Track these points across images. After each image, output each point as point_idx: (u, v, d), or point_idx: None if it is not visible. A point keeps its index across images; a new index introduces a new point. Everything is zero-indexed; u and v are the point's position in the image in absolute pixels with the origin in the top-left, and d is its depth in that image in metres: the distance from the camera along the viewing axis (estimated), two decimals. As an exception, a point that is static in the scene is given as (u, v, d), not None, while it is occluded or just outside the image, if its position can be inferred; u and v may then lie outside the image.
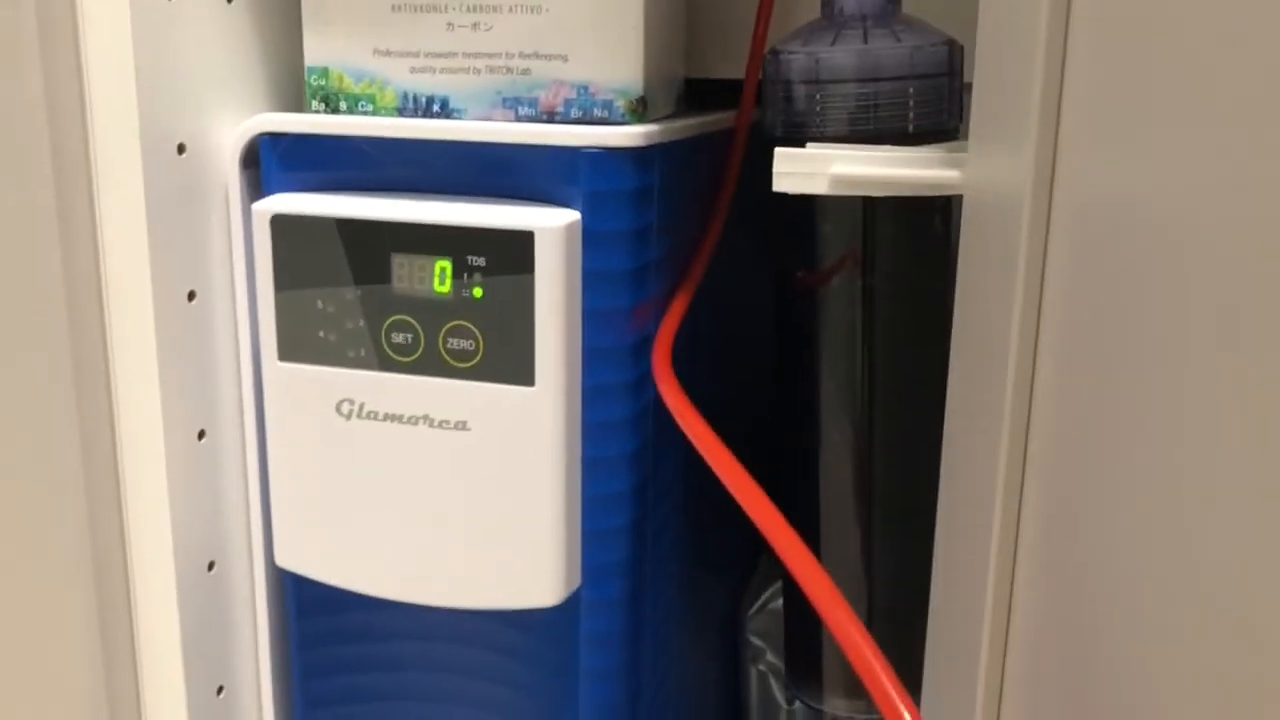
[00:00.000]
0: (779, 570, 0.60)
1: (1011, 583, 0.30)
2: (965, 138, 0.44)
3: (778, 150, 0.37)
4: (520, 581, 0.45)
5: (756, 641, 0.65)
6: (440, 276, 0.43)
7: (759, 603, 0.66)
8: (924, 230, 0.47)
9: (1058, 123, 0.29)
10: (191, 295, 0.46)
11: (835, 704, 0.54)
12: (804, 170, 0.36)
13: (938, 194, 0.37)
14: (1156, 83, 0.24)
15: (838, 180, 0.36)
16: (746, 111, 0.51)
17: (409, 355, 0.44)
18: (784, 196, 0.48)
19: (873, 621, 0.51)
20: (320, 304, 0.44)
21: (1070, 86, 0.28)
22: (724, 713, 0.66)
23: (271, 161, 0.45)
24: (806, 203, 0.47)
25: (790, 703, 0.66)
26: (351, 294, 0.44)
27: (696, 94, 0.53)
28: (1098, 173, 0.27)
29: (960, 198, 0.49)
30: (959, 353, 0.35)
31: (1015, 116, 0.30)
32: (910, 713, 0.26)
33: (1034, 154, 0.28)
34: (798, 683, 0.55)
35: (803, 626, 0.54)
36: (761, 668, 0.66)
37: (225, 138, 0.47)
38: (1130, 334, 0.25)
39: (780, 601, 0.65)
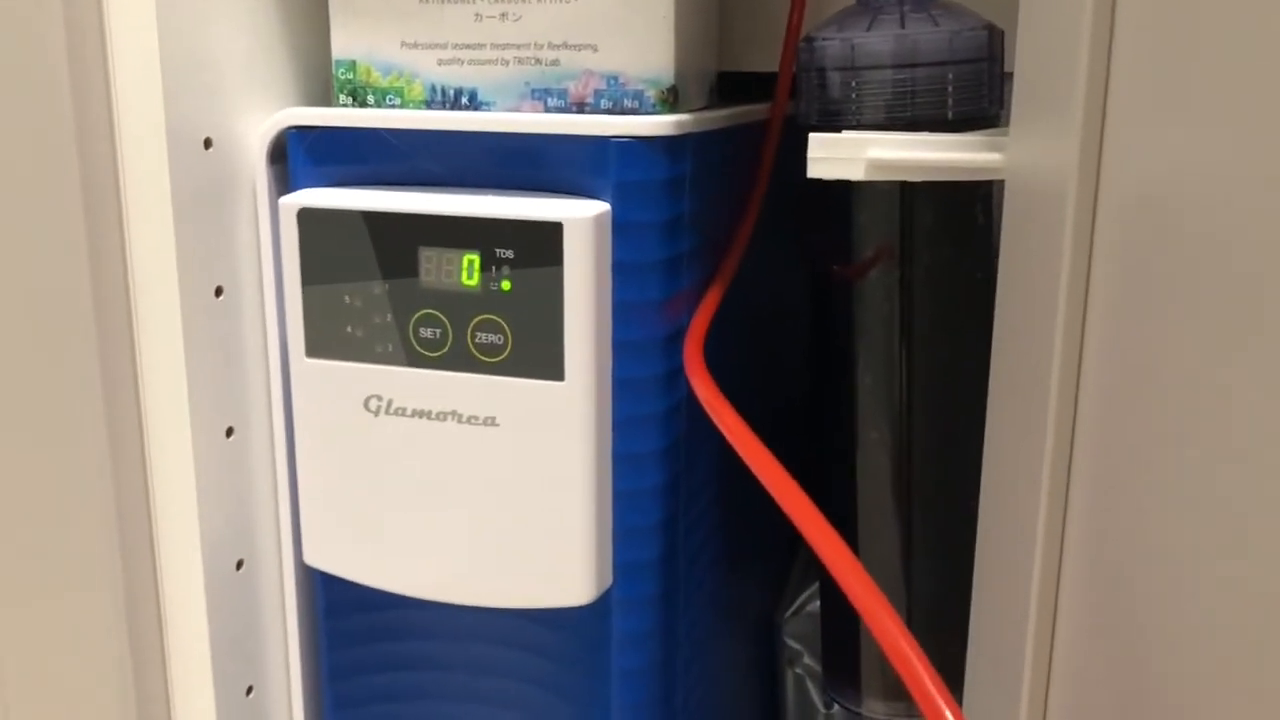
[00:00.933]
0: (817, 571, 0.59)
1: (1057, 584, 0.29)
2: (1007, 125, 0.43)
3: (812, 135, 0.36)
4: (551, 580, 0.44)
5: (793, 644, 0.64)
6: (468, 269, 0.42)
7: (796, 604, 0.65)
8: (964, 220, 0.46)
9: (1104, 104, 0.27)
10: (219, 291, 0.46)
11: (874, 707, 0.52)
12: (839, 155, 0.35)
13: (978, 179, 0.35)
14: (1208, 61, 0.23)
15: (874, 165, 0.35)
16: (781, 100, 0.50)
17: (437, 350, 0.43)
18: (821, 188, 0.47)
19: (912, 625, 0.50)
20: (348, 299, 0.44)
21: (1117, 66, 0.27)
22: (760, 715, 0.65)
23: (299, 155, 0.45)
24: (843, 193, 0.46)
25: (828, 706, 0.65)
26: (379, 288, 0.43)
27: (729, 88, 0.52)
28: (1147, 157, 0.26)
29: (1002, 186, 0.48)
30: (1001, 345, 0.34)
31: (1059, 98, 0.29)
32: (955, 717, 0.25)
33: (1079, 137, 0.27)
34: (835, 686, 0.54)
35: (840, 628, 0.53)
36: (799, 670, 0.64)
37: (252, 132, 0.46)
38: (1181, 326, 0.24)
39: (817, 603, 0.64)
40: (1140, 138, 0.26)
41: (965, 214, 0.46)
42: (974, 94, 0.43)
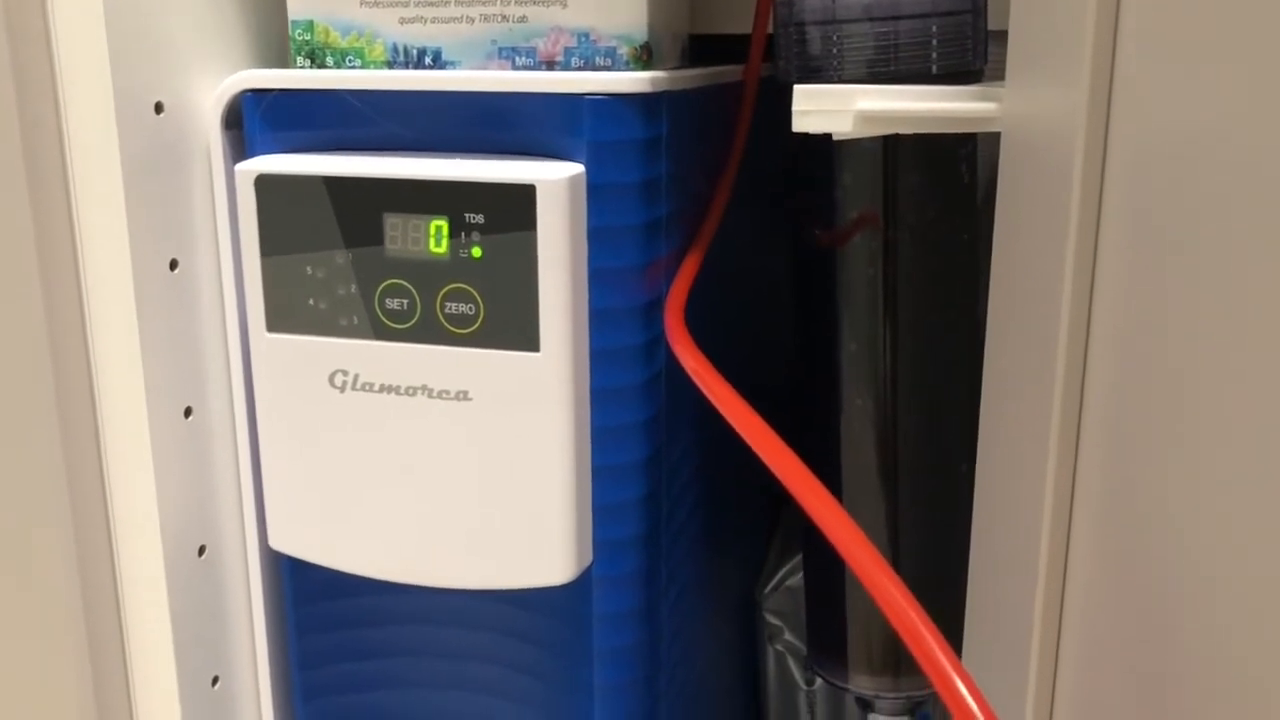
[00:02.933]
0: (802, 544, 0.57)
1: (1066, 550, 0.28)
2: (989, 80, 0.41)
3: (797, 87, 0.34)
4: (529, 559, 0.42)
5: (773, 620, 0.63)
6: (436, 236, 0.40)
7: (775, 580, 0.64)
8: (949, 179, 0.44)
9: (1114, 49, 0.26)
10: (174, 264, 0.44)
11: (859, 682, 0.51)
12: (827, 108, 0.34)
13: (972, 130, 0.34)
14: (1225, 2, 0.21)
15: (863, 117, 0.33)
16: (755, 57, 0.48)
17: (405, 322, 0.41)
18: (801, 150, 0.45)
19: (900, 596, 0.49)
20: (309, 270, 0.41)
21: (1127, 7, 0.26)
22: (741, 693, 0.64)
23: (255, 120, 0.43)
24: (825, 154, 0.44)
25: (809, 683, 0.64)
26: (342, 258, 0.41)
27: (701, 52, 0.50)
28: (1161, 102, 0.24)
29: (988, 144, 0.46)
30: (998, 302, 0.32)
31: (1065, 44, 0.27)
32: (971, 692, 0.23)
33: (1088, 86, 0.26)
34: (820, 661, 0.53)
35: (826, 603, 0.52)
36: (779, 647, 0.63)
37: (206, 96, 0.44)
38: (1199, 278, 0.22)
39: (797, 578, 0.63)
40: (1155, 81, 0.24)
41: (950, 172, 0.44)
42: (958, 47, 0.42)
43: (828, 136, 0.41)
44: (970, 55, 0.42)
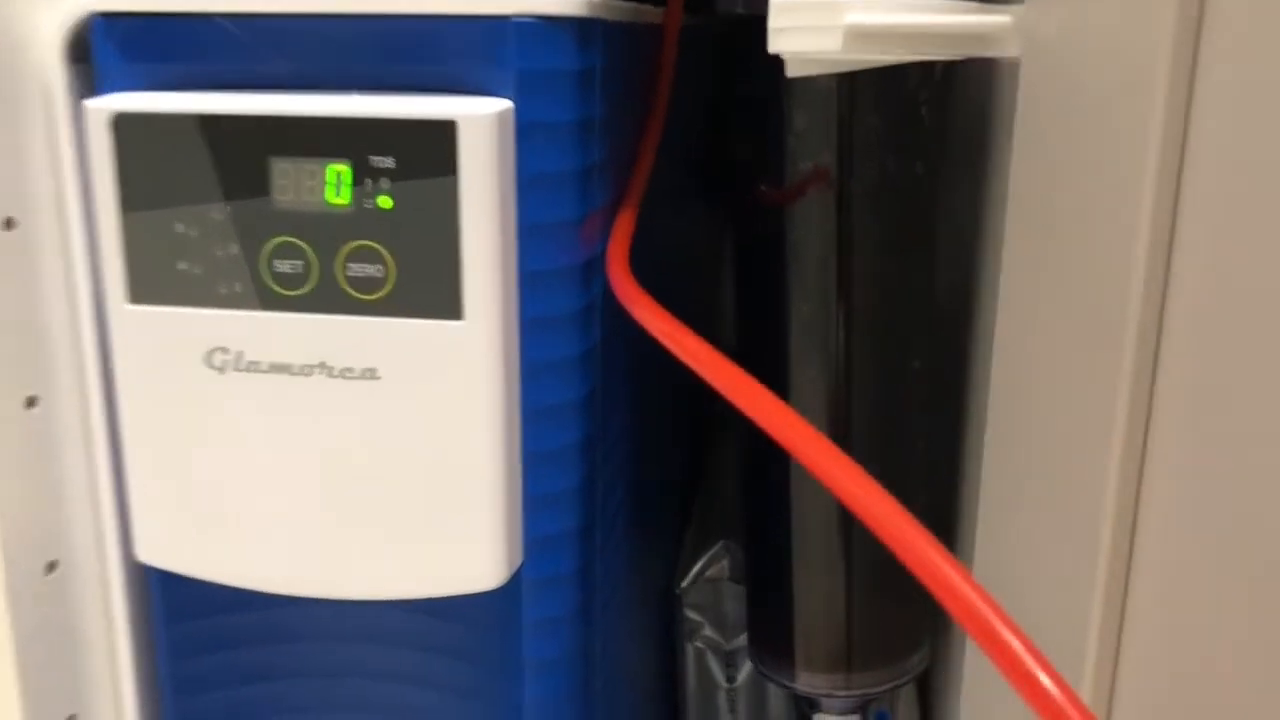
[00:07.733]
0: (745, 532, 0.52)
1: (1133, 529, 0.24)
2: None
3: (774, 2, 0.29)
4: (451, 563, 0.36)
5: (693, 615, 0.59)
6: (336, 185, 0.34)
7: (693, 572, 0.59)
8: (909, 122, 0.40)
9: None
10: (9, 224, 0.37)
11: (807, 680, 0.47)
12: (809, 24, 0.29)
13: (981, 52, 0.29)
14: None
15: (855, 33, 0.28)
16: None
17: (298, 288, 0.35)
18: (743, 96, 0.41)
19: (853, 587, 0.44)
20: (180, 227, 0.35)
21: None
22: (658, 692, 0.59)
23: (108, 50, 0.36)
24: (773, 98, 0.40)
25: (730, 680, 0.60)
26: (220, 212, 0.35)
27: None
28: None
29: (950, 84, 0.42)
30: (1016, 250, 0.28)
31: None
32: (1070, 699, 0.19)
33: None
34: (761, 658, 0.49)
35: (768, 594, 0.47)
36: (698, 644, 0.59)
37: (43, 21, 0.37)
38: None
39: (716, 568, 0.58)
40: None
41: (910, 114, 0.40)
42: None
43: (776, 78, 0.36)
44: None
